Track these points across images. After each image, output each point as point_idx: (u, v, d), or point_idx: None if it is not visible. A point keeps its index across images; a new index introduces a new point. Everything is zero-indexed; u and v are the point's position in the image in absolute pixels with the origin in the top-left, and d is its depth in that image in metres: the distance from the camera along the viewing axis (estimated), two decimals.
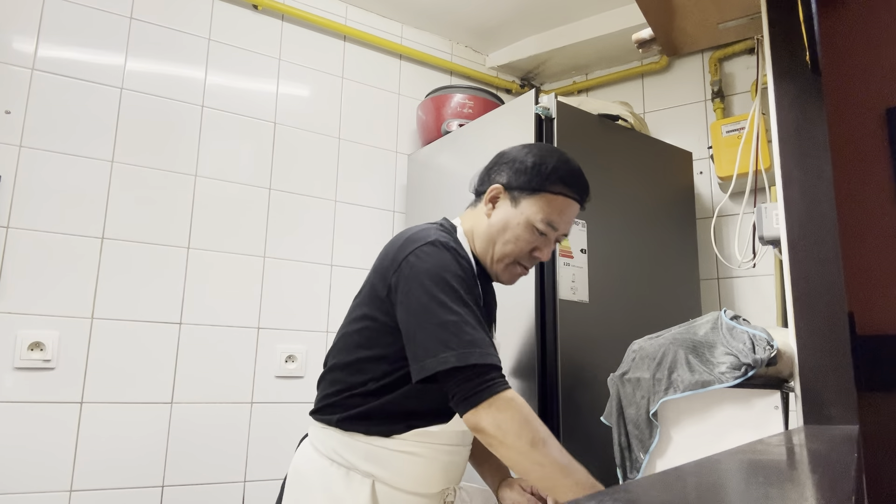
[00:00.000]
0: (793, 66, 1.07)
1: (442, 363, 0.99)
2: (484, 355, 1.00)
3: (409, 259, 1.09)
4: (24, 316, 1.76)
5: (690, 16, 1.43)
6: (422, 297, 1.04)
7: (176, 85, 2.09)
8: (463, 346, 1.00)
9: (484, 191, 1.23)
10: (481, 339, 1.02)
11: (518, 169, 1.19)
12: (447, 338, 1.00)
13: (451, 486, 1.20)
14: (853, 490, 0.43)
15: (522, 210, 1.17)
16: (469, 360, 0.99)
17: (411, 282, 1.06)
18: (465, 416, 1.01)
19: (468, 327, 1.02)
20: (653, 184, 2.14)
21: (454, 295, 1.04)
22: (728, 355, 1.15)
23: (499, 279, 1.24)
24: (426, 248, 1.09)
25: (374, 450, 1.10)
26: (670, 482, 0.44)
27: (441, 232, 1.15)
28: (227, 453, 2.00)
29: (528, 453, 0.97)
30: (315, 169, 2.34)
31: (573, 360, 1.71)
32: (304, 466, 1.15)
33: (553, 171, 1.18)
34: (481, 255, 1.21)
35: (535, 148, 1.24)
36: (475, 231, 1.23)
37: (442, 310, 1.02)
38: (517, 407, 1.00)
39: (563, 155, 1.22)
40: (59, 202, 1.85)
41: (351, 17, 2.53)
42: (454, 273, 1.07)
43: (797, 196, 1.03)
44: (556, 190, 1.18)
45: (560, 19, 2.62)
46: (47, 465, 1.74)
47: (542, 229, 1.17)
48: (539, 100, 1.87)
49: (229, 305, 2.08)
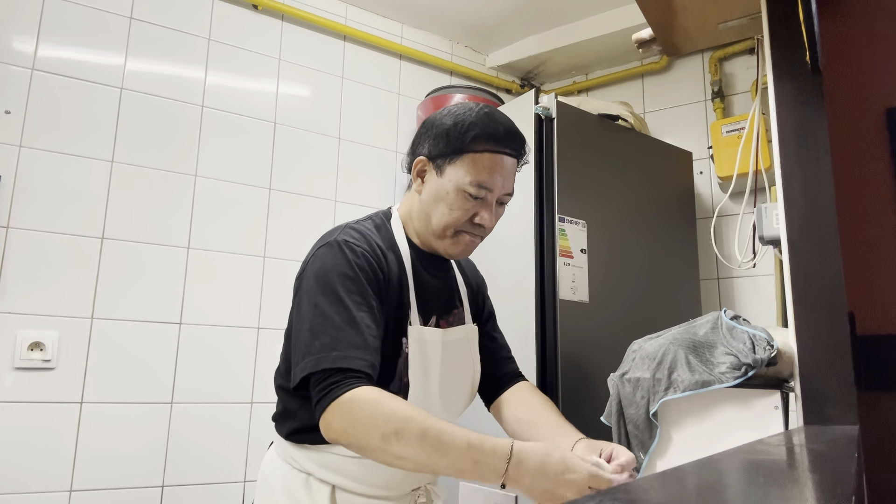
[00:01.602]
0: (793, 66, 1.07)
1: (301, 370, 0.95)
2: (339, 358, 0.93)
3: (305, 264, 1.07)
4: (24, 316, 1.76)
5: (690, 16, 1.43)
6: (302, 302, 1.01)
7: (176, 85, 2.09)
8: (322, 349, 0.94)
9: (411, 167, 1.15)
10: (346, 340, 0.94)
11: (437, 134, 1.10)
12: (311, 342, 0.95)
13: (421, 487, 1.14)
14: (853, 490, 0.43)
15: (449, 177, 1.07)
16: (321, 365, 0.93)
17: (300, 288, 1.04)
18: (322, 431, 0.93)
19: (333, 329, 0.95)
20: (653, 184, 2.14)
21: (331, 295, 0.98)
22: (728, 355, 1.15)
23: (449, 255, 1.15)
24: (321, 250, 1.06)
25: (326, 456, 1.05)
26: (670, 482, 0.44)
27: (350, 229, 1.10)
28: (227, 453, 2.00)
29: (385, 450, 0.89)
30: (315, 169, 2.34)
31: (573, 360, 1.71)
32: (268, 472, 1.13)
33: (471, 126, 1.07)
34: (422, 234, 1.14)
35: (454, 107, 1.13)
36: (412, 213, 1.15)
37: (314, 313, 0.98)
38: (359, 406, 0.90)
39: (484, 107, 1.12)
40: (59, 202, 1.85)
41: (351, 17, 2.53)
42: (340, 273, 1.01)
43: (797, 196, 1.03)
44: (480, 147, 1.07)
45: (560, 19, 2.62)
46: (47, 465, 1.74)
47: (474, 193, 1.07)
48: (539, 100, 1.87)
49: (229, 305, 2.07)
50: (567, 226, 1.79)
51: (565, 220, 1.79)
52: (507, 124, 1.12)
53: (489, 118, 1.10)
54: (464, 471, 0.89)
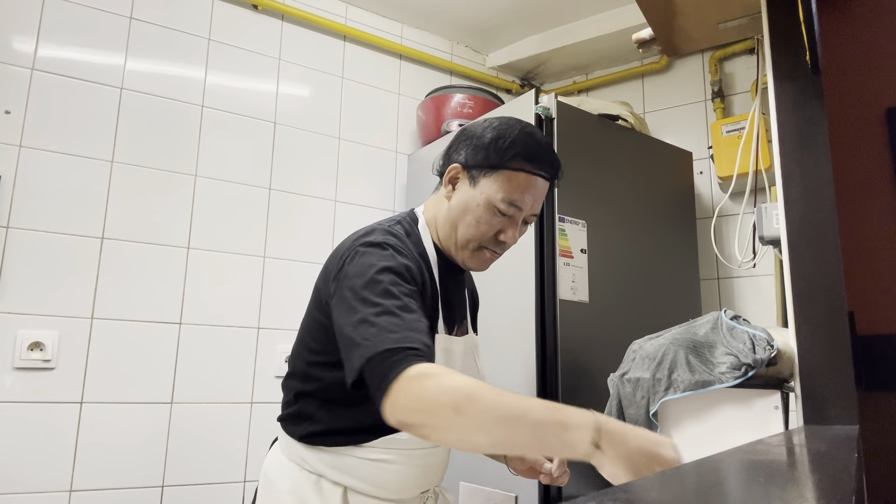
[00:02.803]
0: (793, 66, 1.07)
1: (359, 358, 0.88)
2: (398, 339, 0.87)
3: (346, 259, 1.04)
4: (24, 316, 1.76)
5: (690, 16, 1.43)
6: (346, 297, 0.97)
7: (176, 85, 2.09)
8: (378, 335, 0.89)
9: (444, 172, 1.15)
10: (397, 324, 0.90)
11: (476, 146, 1.10)
12: (362, 332, 0.90)
13: (430, 489, 1.15)
14: (853, 490, 0.43)
15: (482, 190, 1.08)
16: (379, 347, 0.86)
17: (341, 284, 1.01)
18: (384, 414, 0.84)
19: (385, 316, 0.91)
20: (653, 184, 2.14)
21: (377, 288, 0.95)
22: (728, 355, 1.15)
23: (466, 266, 1.15)
24: (361, 248, 1.03)
25: (342, 458, 1.04)
26: (670, 482, 0.44)
27: (387, 231, 1.08)
28: (227, 453, 2.00)
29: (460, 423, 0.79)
30: (315, 169, 2.34)
31: (573, 360, 1.71)
32: (273, 472, 1.11)
33: (512, 144, 1.08)
34: (445, 242, 1.14)
35: (496, 121, 1.14)
36: (437, 217, 1.15)
37: (362, 305, 0.94)
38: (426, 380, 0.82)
39: (526, 126, 1.12)
40: (59, 202, 1.85)
41: (351, 17, 2.53)
42: (382, 267, 0.98)
43: (797, 196, 1.03)
44: (517, 166, 1.08)
45: (560, 19, 2.62)
46: (47, 465, 1.74)
47: (503, 210, 1.07)
48: (539, 100, 1.87)
49: (229, 305, 2.07)
50: (567, 226, 1.79)
51: (565, 220, 1.79)
52: (546, 147, 1.12)
53: (531, 138, 1.10)
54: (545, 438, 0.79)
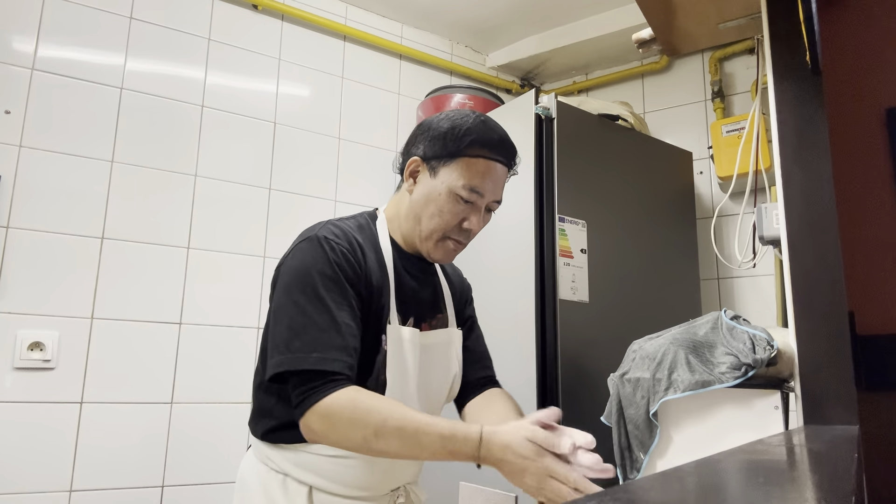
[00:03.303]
0: (793, 66, 1.07)
1: (277, 366, 0.96)
2: (319, 360, 0.95)
3: (285, 258, 1.08)
4: (24, 316, 1.76)
5: (690, 16, 1.43)
6: (281, 297, 1.02)
7: (176, 85, 2.09)
8: (302, 349, 0.95)
9: (404, 168, 1.16)
10: (326, 341, 0.96)
11: (433, 137, 1.12)
12: (291, 340, 0.97)
13: (400, 487, 1.14)
14: (853, 490, 0.43)
15: (442, 179, 1.10)
16: (301, 366, 0.95)
17: (279, 281, 1.05)
18: (300, 426, 0.96)
19: (314, 329, 0.97)
20: (653, 184, 2.14)
21: (312, 294, 0.99)
22: (728, 355, 1.15)
23: (432, 257, 1.16)
24: (302, 244, 1.06)
25: (302, 456, 1.05)
26: (670, 482, 0.44)
27: (332, 225, 1.10)
28: (227, 453, 2.00)
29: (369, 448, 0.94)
30: (315, 169, 2.34)
31: (573, 360, 1.71)
32: (246, 472, 1.14)
33: (468, 132, 1.09)
34: (409, 235, 1.15)
35: (452, 113, 1.16)
36: (400, 212, 1.16)
37: (294, 310, 0.99)
38: (337, 410, 0.93)
39: (480, 115, 1.15)
40: (59, 202, 1.85)
41: (351, 17, 2.53)
42: (319, 270, 1.01)
43: (797, 196, 1.03)
44: (475, 152, 1.09)
45: (560, 19, 2.62)
46: (47, 465, 1.74)
47: (465, 196, 1.09)
48: (539, 100, 1.87)
49: (229, 305, 2.07)
50: (567, 226, 1.79)
51: (565, 220, 1.79)
52: (501, 133, 1.14)
53: (485, 126, 1.13)
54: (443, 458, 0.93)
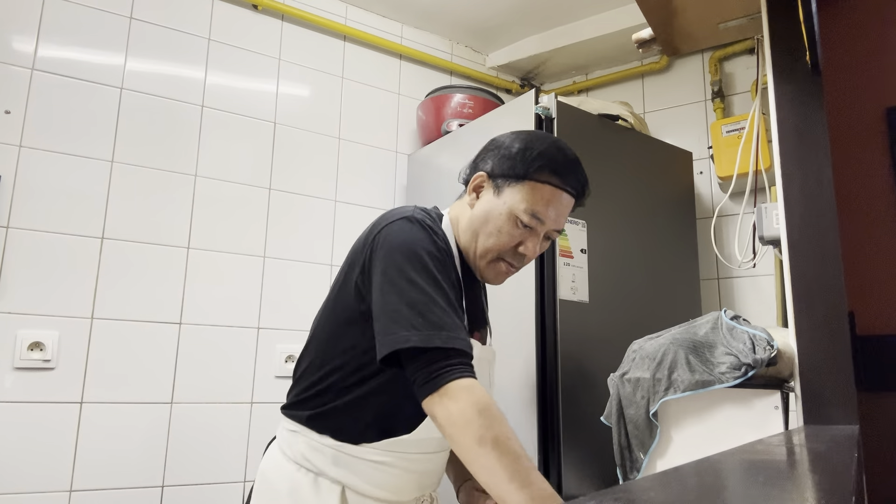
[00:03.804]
0: (793, 66, 1.07)
1: (403, 341, 0.91)
2: (449, 339, 0.92)
3: (381, 235, 1.03)
4: (24, 316, 1.76)
5: (690, 16, 1.43)
6: (391, 273, 0.97)
7: (176, 85, 2.09)
8: (428, 327, 0.92)
9: (469, 180, 1.15)
10: (450, 322, 0.94)
11: (503, 155, 1.10)
12: (412, 317, 0.92)
13: (425, 494, 1.15)
14: (853, 490, 0.43)
15: (505, 200, 1.07)
16: (432, 343, 0.90)
17: (383, 258, 1.00)
18: (422, 402, 0.92)
19: (437, 308, 0.94)
20: (653, 184, 2.14)
21: (425, 273, 0.96)
22: (728, 355, 1.15)
23: (483, 277, 1.14)
24: (399, 223, 1.03)
25: (343, 456, 1.05)
26: (670, 482, 0.44)
27: (420, 211, 1.08)
28: (227, 453, 2.00)
29: (475, 452, 0.86)
30: (315, 169, 2.34)
31: (573, 360, 1.71)
32: (271, 472, 1.10)
33: (539, 156, 1.07)
34: (465, 248, 1.13)
35: (525, 133, 1.14)
36: (460, 223, 1.14)
37: (411, 287, 0.95)
38: (471, 398, 0.88)
39: (556, 141, 1.12)
40: (59, 202, 1.85)
41: (351, 17, 2.53)
42: (427, 250, 0.99)
43: (797, 196, 1.03)
44: (543, 178, 1.07)
45: (560, 19, 2.62)
46: (47, 465, 1.74)
47: (525, 221, 1.06)
48: (539, 100, 1.87)
49: (229, 305, 2.07)
50: (567, 226, 1.79)
51: None
52: (575, 162, 1.12)
53: (559, 152, 1.10)
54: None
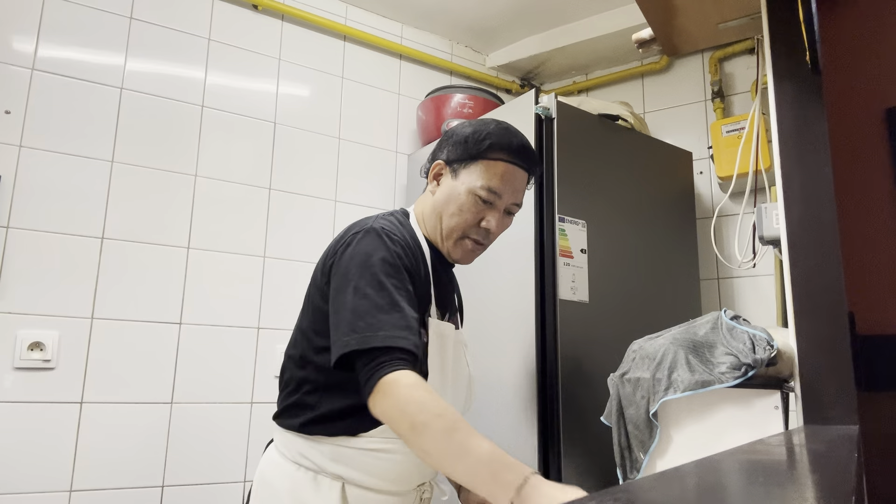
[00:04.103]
0: (793, 66, 1.07)
1: (344, 347, 0.97)
2: (387, 338, 0.96)
3: (341, 246, 1.10)
4: (24, 316, 1.76)
5: (690, 16, 1.43)
6: (342, 283, 1.04)
7: (176, 85, 2.09)
8: (367, 329, 0.97)
9: (429, 171, 1.23)
10: (390, 321, 0.98)
11: (456, 141, 1.19)
12: (354, 322, 0.98)
13: (427, 482, 1.17)
14: (853, 490, 0.43)
15: (463, 180, 1.16)
16: (369, 344, 0.95)
17: (338, 270, 1.07)
18: (369, 403, 0.96)
19: (377, 311, 0.99)
20: (653, 184, 2.14)
21: (373, 280, 1.02)
22: (728, 355, 1.15)
23: (451, 258, 1.21)
24: (358, 234, 1.10)
25: (341, 450, 1.07)
26: (670, 482, 0.44)
27: (382, 219, 1.15)
28: (227, 453, 2.00)
29: (412, 439, 0.90)
30: (315, 169, 2.34)
31: (573, 360, 1.71)
32: (270, 473, 1.12)
33: (488, 135, 1.16)
34: (432, 235, 1.20)
35: (475, 120, 1.23)
36: (425, 212, 1.22)
37: (356, 295, 1.01)
38: (398, 388, 0.92)
39: (502, 123, 1.21)
40: (59, 202, 1.85)
41: (351, 17, 2.53)
42: (378, 257, 1.05)
43: (797, 196, 1.03)
44: (494, 156, 1.16)
45: (560, 19, 2.62)
46: (47, 465, 1.74)
47: (484, 196, 1.15)
48: (539, 100, 1.87)
49: (229, 305, 2.07)
50: (567, 226, 1.79)
51: (565, 220, 1.79)
52: (521, 139, 1.20)
53: (506, 131, 1.19)
54: (477, 478, 0.87)
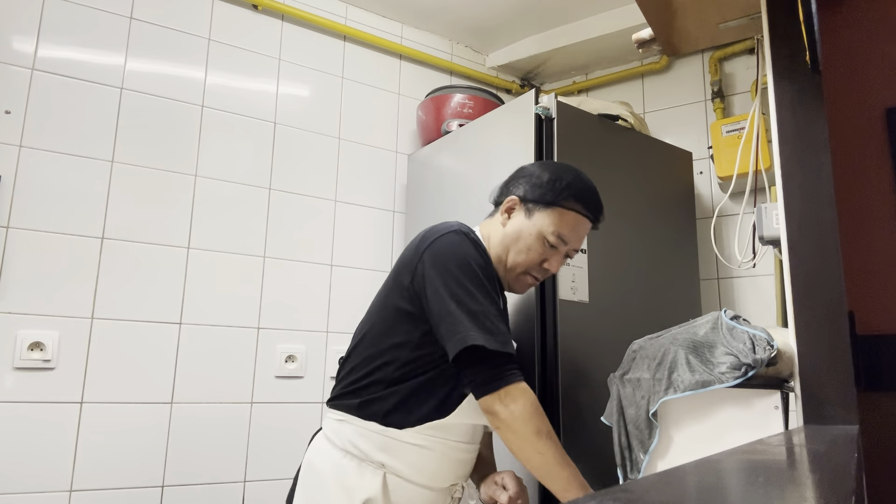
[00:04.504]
0: (793, 66, 1.07)
1: (475, 339, 1.07)
2: (504, 344, 1.10)
3: (433, 246, 1.17)
4: (24, 316, 1.76)
5: (690, 16, 1.43)
6: (450, 283, 1.12)
7: (176, 85, 2.09)
8: (487, 332, 1.09)
9: (502, 202, 1.31)
10: (503, 329, 1.12)
11: (535, 183, 1.27)
12: (476, 323, 1.09)
13: (459, 483, 1.26)
14: (853, 490, 0.43)
15: (535, 222, 1.24)
16: (492, 346, 1.08)
17: (438, 268, 1.14)
18: (481, 398, 1.10)
19: (492, 317, 1.11)
20: (653, 184, 2.14)
21: (478, 284, 1.13)
22: (728, 355, 1.15)
23: (510, 287, 1.31)
24: (450, 236, 1.18)
25: (387, 441, 1.16)
26: (670, 482, 0.44)
27: (464, 225, 1.24)
28: (227, 453, 2.00)
29: (533, 441, 1.07)
30: (315, 169, 2.34)
31: (573, 360, 1.71)
32: (317, 459, 1.21)
33: (567, 186, 1.24)
34: (495, 262, 1.27)
35: (553, 164, 1.33)
36: (491, 238, 1.30)
37: (469, 299, 1.11)
38: (530, 398, 1.10)
39: (579, 174, 1.29)
40: (59, 202, 1.85)
41: (351, 17, 2.53)
42: (477, 262, 1.15)
43: (797, 196, 1.03)
44: (569, 206, 1.24)
45: (560, 19, 2.62)
46: (47, 465, 1.74)
47: (552, 242, 1.24)
48: (539, 100, 1.87)
49: (229, 305, 2.07)
50: None
51: None
52: (596, 193, 1.30)
53: (584, 184, 1.28)
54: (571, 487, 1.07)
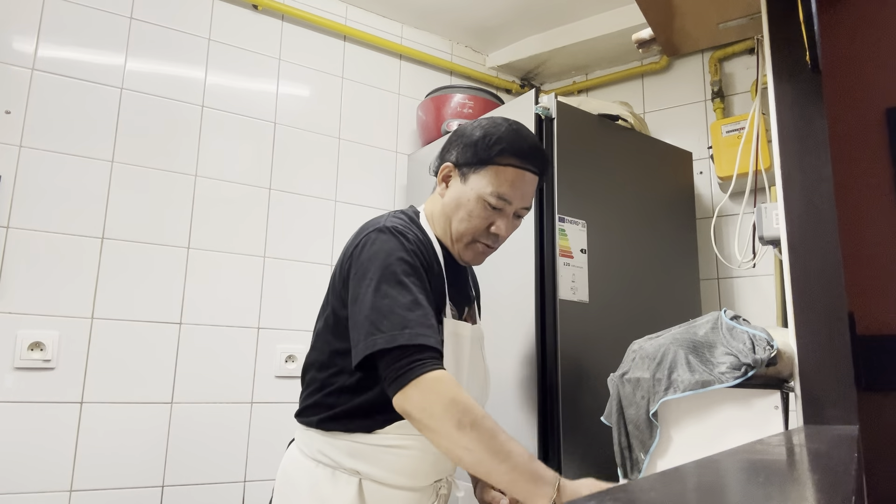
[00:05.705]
0: (793, 66, 1.07)
1: (370, 346, 0.98)
2: (414, 336, 0.97)
3: (356, 248, 1.10)
4: (24, 316, 1.76)
5: (690, 16, 1.43)
6: (360, 283, 1.05)
7: (176, 85, 2.09)
8: (393, 327, 0.98)
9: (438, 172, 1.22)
10: (415, 319, 0.99)
11: (465, 144, 1.17)
12: (378, 320, 0.99)
13: (443, 478, 1.18)
14: (853, 490, 0.43)
15: (472, 185, 1.15)
16: (396, 342, 0.97)
17: (356, 270, 1.08)
18: (393, 399, 0.97)
19: (401, 309, 1.00)
20: (653, 184, 2.14)
21: (392, 278, 1.03)
22: (728, 355, 1.15)
23: (462, 259, 1.21)
24: (372, 234, 1.09)
25: (357, 447, 1.09)
26: (670, 482, 0.44)
27: (394, 218, 1.15)
28: (227, 453, 2.00)
29: (455, 437, 0.92)
30: (315, 169, 2.34)
31: (573, 360, 1.71)
32: (291, 469, 1.15)
33: (498, 140, 1.14)
34: (442, 236, 1.20)
35: (485, 121, 1.20)
36: (434, 214, 1.21)
37: (376, 294, 1.01)
38: (443, 387, 0.95)
39: (513, 124, 1.18)
40: (59, 202, 1.85)
41: (351, 17, 2.53)
42: (396, 256, 1.05)
43: (797, 196, 1.03)
44: (505, 161, 1.14)
45: (560, 19, 2.62)
46: (47, 465, 1.74)
47: (493, 203, 1.14)
48: (539, 100, 1.87)
49: (229, 305, 2.07)
50: (567, 226, 1.79)
51: (565, 220, 1.79)
52: (532, 142, 1.18)
53: (516, 134, 1.16)
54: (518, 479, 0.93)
